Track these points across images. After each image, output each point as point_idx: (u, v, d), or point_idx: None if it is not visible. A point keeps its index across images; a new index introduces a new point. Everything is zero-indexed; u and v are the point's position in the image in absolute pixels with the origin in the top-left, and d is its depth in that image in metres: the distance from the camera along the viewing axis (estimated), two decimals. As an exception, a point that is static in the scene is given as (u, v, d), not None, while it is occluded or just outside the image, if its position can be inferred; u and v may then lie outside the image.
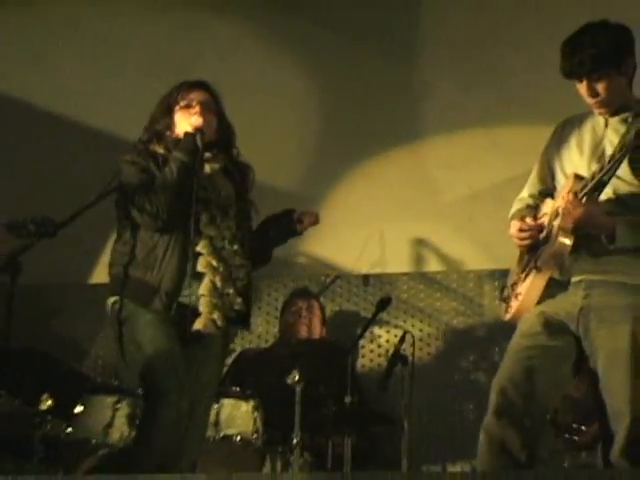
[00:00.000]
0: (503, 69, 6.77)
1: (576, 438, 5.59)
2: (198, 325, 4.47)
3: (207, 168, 4.63)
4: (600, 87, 4.12)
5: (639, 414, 3.99)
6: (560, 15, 6.20)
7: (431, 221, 6.84)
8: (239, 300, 4.58)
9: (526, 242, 4.28)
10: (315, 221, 4.83)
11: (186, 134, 4.57)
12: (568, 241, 4.09)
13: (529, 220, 4.28)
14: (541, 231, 4.26)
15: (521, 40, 6.67)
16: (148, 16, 7.13)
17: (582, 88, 4.16)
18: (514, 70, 6.68)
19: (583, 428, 5.58)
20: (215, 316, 4.48)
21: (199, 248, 4.50)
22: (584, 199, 4.08)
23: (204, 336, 4.48)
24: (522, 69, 6.61)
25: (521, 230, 4.28)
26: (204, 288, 4.48)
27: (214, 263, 4.51)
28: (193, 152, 4.53)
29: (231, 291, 4.55)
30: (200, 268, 4.49)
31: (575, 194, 4.10)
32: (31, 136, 7.10)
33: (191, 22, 7.07)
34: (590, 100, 4.17)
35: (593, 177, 4.08)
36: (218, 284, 4.51)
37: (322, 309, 6.71)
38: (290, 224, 4.78)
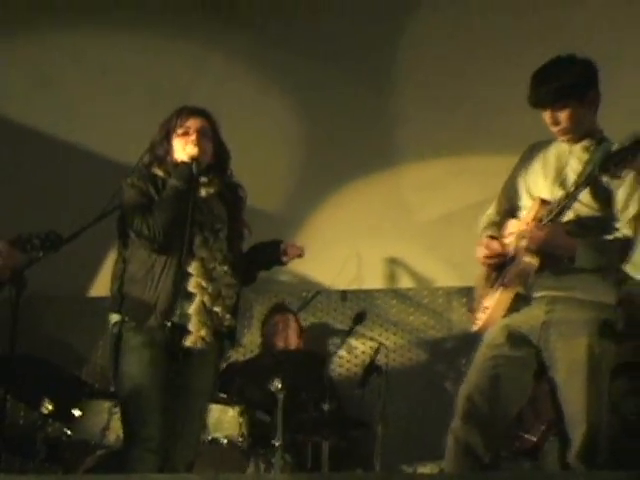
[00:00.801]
0: (473, 101, 6.77)
1: (517, 444, 5.62)
2: (188, 342, 4.49)
3: (203, 192, 4.63)
4: (562, 116, 4.21)
5: (594, 421, 4.06)
6: (527, 51, 6.24)
7: (404, 242, 6.85)
8: (228, 316, 4.59)
9: (491, 265, 4.35)
10: (300, 254, 4.81)
11: (182, 163, 4.58)
12: (534, 261, 4.17)
13: (495, 245, 4.34)
14: (505, 255, 4.31)
15: (489, 74, 6.69)
16: (148, 46, 7.10)
17: (546, 117, 4.24)
18: (483, 102, 6.70)
19: (526, 436, 5.61)
20: (203, 333, 4.50)
21: (191, 269, 4.51)
22: (549, 223, 4.16)
23: (198, 350, 4.52)
24: (490, 101, 6.63)
25: (486, 257, 4.34)
26: (194, 308, 4.50)
27: (204, 284, 4.53)
28: (188, 180, 4.53)
29: (220, 309, 4.56)
30: (191, 288, 4.51)
31: (540, 218, 4.18)
32: (34, 158, 7.09)
33: (188, 53, 7.06)
34: (553, 128, 4.26)
35: (559, 204, 4.17)
36: (207, 303, 4.52)
37: (298, 322, 6.71)
38: (276, 254, 4.78)
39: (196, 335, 4.49)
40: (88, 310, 6.75)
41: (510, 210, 4.43)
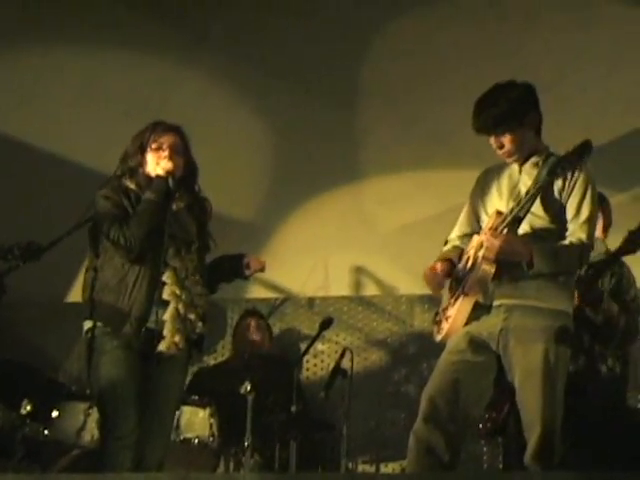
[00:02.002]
0: (432, 118, 6.81)
1: (480, 426, 5.55)
2: (162, 347, 4.48)
3: (174, 206, 4.61)
4: (505, 140, 4.22)
5: (549, 424, 4.06)
6: (486, 70, 6.28)
7: (369, 251, 6.87)
8: (200, 324, 4.57)
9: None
10: (261, 269, 4.79)
11: (158, 177, 4.55)
12: (490, 269, 4.14)
13: (438, 266, 4.30)
14: (449, 274, 4.30)
15: (447, 95, 6.72)
16: (126, 65, 7.11)
17: (491, 141, 4.27)
18: (442, 119, 6.73)
19: (486, 415, 5.53)
20: (177, 339, 4.48)
21: (165, 278, 4.50)
22: (504, 231, 4.15)
23: (169, 355, 4.50)
24: (449, 118, 6.65)
25: (431, 278, 4.34)
26: (168, 314, 4.48)
27: (178, 292, 4.51)
28: (165, 193, 4.52)
29: (193, 317, 4.54)
30: (165, 296, 4.49)
31: (496, 228, 4.17)
32: (18, 169, 7.07)
33: (164, 69, 7.08)
34: (498, 151, 4.28)
35: (512, 211, 4.17)
36: (181, 311, 4.50)
37: (269, 326, 6.70)
38: (239, 267, 4.75)
39: (169, 341, 4.48)
40: (64, 316, 6.70)
41: (471, 233, 4.40)
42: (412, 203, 6.81)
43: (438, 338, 4.35)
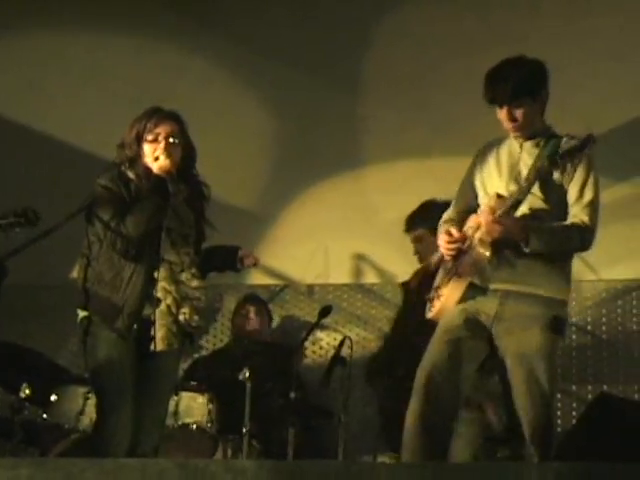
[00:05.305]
0: (436, 105, 6.85)
1: None
2: (152, 346, 4.49)
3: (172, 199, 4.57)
4: (518, 113, 4.26)
5: (541, 413, 4.15)
6: (491, 58, 6.33)
7: (369, 239, 6.89)
8: (196, 318, 4.60)
9: (452, 252, 4.36)
10: (255, 264, 4.85)
11: (156, 177, 4.53)
12: (486, 252, 4.22)
13: (454, 231, 4.37)
14: (464, 241, 4.35)
15: (451, 82, 6.76)
16: (130, 51, 7.18)
17: (502, 114, 4.28)
18: (445, 106, 6.78)
19: None
20: (162, 335, 4.49)
21: (157, 274, 4.50)
22: (502, 215, 4.20)
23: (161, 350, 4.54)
24: (452, 105, 6.71)
25: (448, 242, 4.37)
26: (159, 312, 4.49)
27: (168, 287, 4.51)
28: (164, 194, 4.50)
29: (187, 311, 4.55)
30: (157, 293, 4.50)
31: (494, 211, 4.22)
32: (22, 153, 7.16)
33: (170, 55, 7.14)
34: (508, 124, 4.30)
35: (511, 196, 4.22)
36: (172, 308, 4.52)
37: (269, 313, 6.73)
38: (233, 261, 4.78)
39: (159, 338, 4.49)
40: (64, 298, 6.75)
41: (468, 210, 4.46)
42: (414, 191, 6.79)
43: (429, 316, 4.42)
